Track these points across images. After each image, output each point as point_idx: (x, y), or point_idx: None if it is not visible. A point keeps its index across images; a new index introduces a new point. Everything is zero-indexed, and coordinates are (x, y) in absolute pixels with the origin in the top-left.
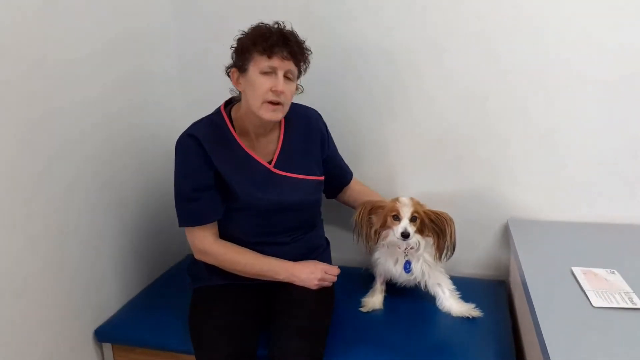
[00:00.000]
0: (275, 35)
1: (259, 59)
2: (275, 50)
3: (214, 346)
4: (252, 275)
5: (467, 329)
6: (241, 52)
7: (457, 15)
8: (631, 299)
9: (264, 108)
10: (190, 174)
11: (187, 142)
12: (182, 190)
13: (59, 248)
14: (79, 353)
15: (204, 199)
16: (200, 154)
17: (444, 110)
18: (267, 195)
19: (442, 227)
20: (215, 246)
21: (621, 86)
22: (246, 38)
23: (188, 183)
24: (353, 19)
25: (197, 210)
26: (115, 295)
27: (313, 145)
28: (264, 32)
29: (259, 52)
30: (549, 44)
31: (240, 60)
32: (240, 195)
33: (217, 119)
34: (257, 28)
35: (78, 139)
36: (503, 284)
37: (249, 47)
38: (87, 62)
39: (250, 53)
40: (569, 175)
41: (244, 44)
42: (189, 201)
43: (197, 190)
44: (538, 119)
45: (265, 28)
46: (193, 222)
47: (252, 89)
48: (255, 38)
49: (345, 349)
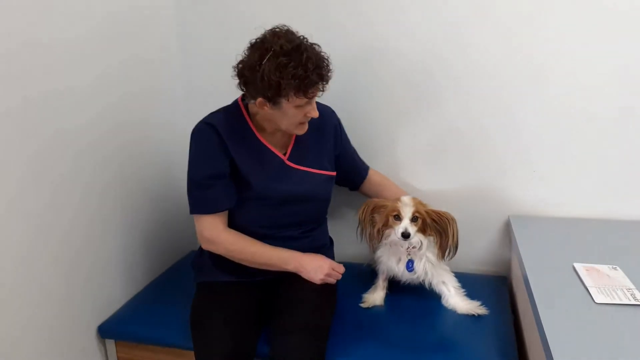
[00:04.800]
0: (312, 75)
1: (296, 99)
2: (313, 89)
3: (212, 342)
4: (260, 265)
5: (469, 325)
6: (275, 91)
7: (456, 16)
8: (633, 295)
9: (296, 129)
10: (206, 162)
11: (204, 130)
12: (195, 178)
13: (62, 245)
14: (82, 349)
15: (217, 187)
16: (216, 142)
17: (446, 109)
18: (280, 186)
19: (444, 227)
20: (224, 235)
21: (625, 83)
22: (279, 76)
23: (202, 170)
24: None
25: (209, 197)
26: (119, 292)
27: (326, 140)
28: (301, 75)
29: (297, 94)
30: (548, 42)
31: (271, 96)
32: (254, 184)
33: (235, 111)
34: (290, 65)
35: (82, 133)
36: (505, 280)
37: (286, 89)
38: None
39: (286, 94)
40: (571, 172)
41: (278, 84)
42: (201, 188)
43: (211, 178)
44: (539, 116)
45: (301, 66)
46: (204, 210)
47: (284, 117)
48: (292, 80)
49: (347, 345)
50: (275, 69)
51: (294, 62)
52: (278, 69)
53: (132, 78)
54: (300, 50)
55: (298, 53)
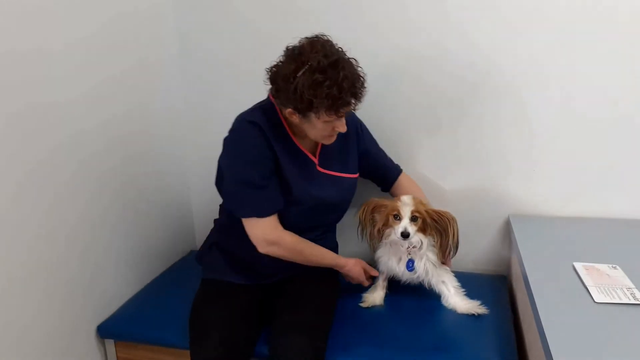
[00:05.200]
0: (346, 95)
1: (327, 116)
2: (344, 109)
3: (207, 340)
4: (312, 264)
5: (468, 325)
6: (306, 106)
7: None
8: (633, 295)
9: (324, 139)
10: (257, 161)
11: (249, 129)
12: (247, 179)
13: (61, 245)
14: (82, 349)
15: (272, 186)
16: (263, 141)
17: (445, 108)
18: (315, 191)
19: (444, 226)
20: (287, 236)
21: (624, 83)
22: (313, 94)
23: (255, 170)
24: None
25: (267, 198)
26: (118, 292)
27: (350, 143)
28: (334, 95)
29: (328, 112)
30: (549, 44)
31: (302, 109)
32: (293, 188)
33: (270, 110)
34: (325, 84)
35: (84, 137)
36: (504, 279)
37: (318, 107)
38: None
39: (317, 112)
40: (570, 171)
41: (310, 101)
42: (256, 189)
43: (265, 178)
44: (539, 116)
45: (336, 85)
46: (264, 212)
47: (312, 128)
48: (325, 99)
49: (347, 345)
50: (309, 86)
51: (330, 81)
52: (312, 87)
53: (133, 83)
54: (337, 67)
55: (335, 70)
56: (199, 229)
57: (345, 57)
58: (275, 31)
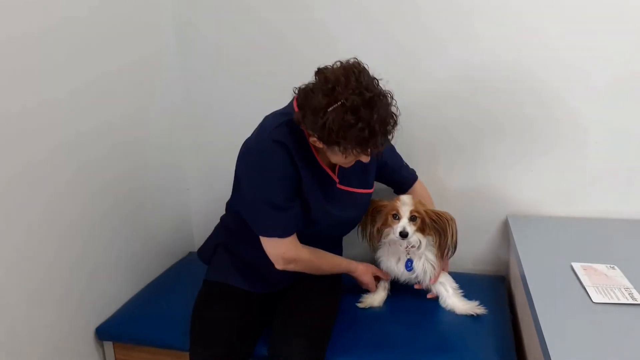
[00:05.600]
0: (377, 136)
1: (354, 155)
2: (373, 149)
3: (208, 341)
4: (327, 273)
5: (467, 325)
6: (333, 141)
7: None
8: (631, 295)
9: (344, 164)
10: (284, 183)
11: (275, 149)
12: (271, 199)
13: (60, 247)
14: (80, 351)
15: (295, 208)
16: (288, 162)
17: (445, 108)
18: (335, 211)
19: (443, 226)
20: (305, 253)
21: (619, 82)
22: (342, 135)
23: (280, 192)
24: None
25: (289, 220)
26: (117, 293)
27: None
28: (365, 137)
29: (355, 151)
30: (548, 43)
31: (328, 142)
32: (313, 209)
33: (296, 127)
34: (356, 127)
35: (82, 136)
36: (503, 279)
37: (345, 146)
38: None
39: (345, 149)
40: (569, 171)
41: (338, 141)
42: (280, 210)
43: (289, 200)
44: (537, 116)
45: (367, 128)
46: (284, 233)
47: (334, 156)
48: (354, 141)
49: (347, 345)
50: (340, 126)
51: (362, 123)
52: (343, 128)
53: (132, 81)
54: (371, 107)
55: (368, 109)
56: (197, 231)
57: (380, 93)
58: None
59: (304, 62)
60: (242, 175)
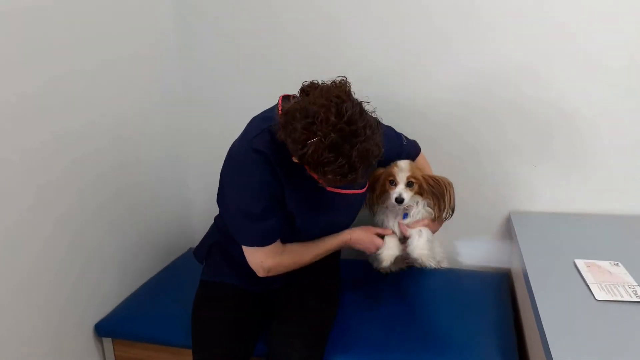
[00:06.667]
0: (357, 172)
1: (333, 181)
2: (352, 182)
3: (210, 345)
4: (320, 257)
5: (469, 321)
6: (313, 169)
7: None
8: (635, 292)
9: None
10: (262, 193)
11: (254, 159)
12: (250, 210)
13: (59, 244)
14: (79, 348)
15: (276, 218)
16: (269, 172)
17: (447, 105)
18: (324, 217)
19: (440, 191)
20: (284, 258)
21: (619, 81)
22: (322, 171)
23: (257, 202)
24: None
25: (268, 229)
26: (116, 290)
27: None
28: (344, 173)
29: (335, 179)
30: (551, 42)
31: (308, 167)
32: (298, 219)
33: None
34: (335, 164)
35: (79, 131)
36: (505, 276)
37: (324, 174)
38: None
39: (325, 177)
40: (571, 168)
41: (316, 174)
42: (258, 220)
43: (268, 210)
44: (540, 113)
45: (348, 164)
46: (263, 243)
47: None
48: (332, 176)
49: (347, 345)
50: (318, 163)
51: (342, 159)
52: (321, 164)
53: (130, 75)
54: (350, 142)
55: (347, 145)
56: (197, 227)
57: (364, 125)
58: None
59: (306, 56)
60: (224, 181)
